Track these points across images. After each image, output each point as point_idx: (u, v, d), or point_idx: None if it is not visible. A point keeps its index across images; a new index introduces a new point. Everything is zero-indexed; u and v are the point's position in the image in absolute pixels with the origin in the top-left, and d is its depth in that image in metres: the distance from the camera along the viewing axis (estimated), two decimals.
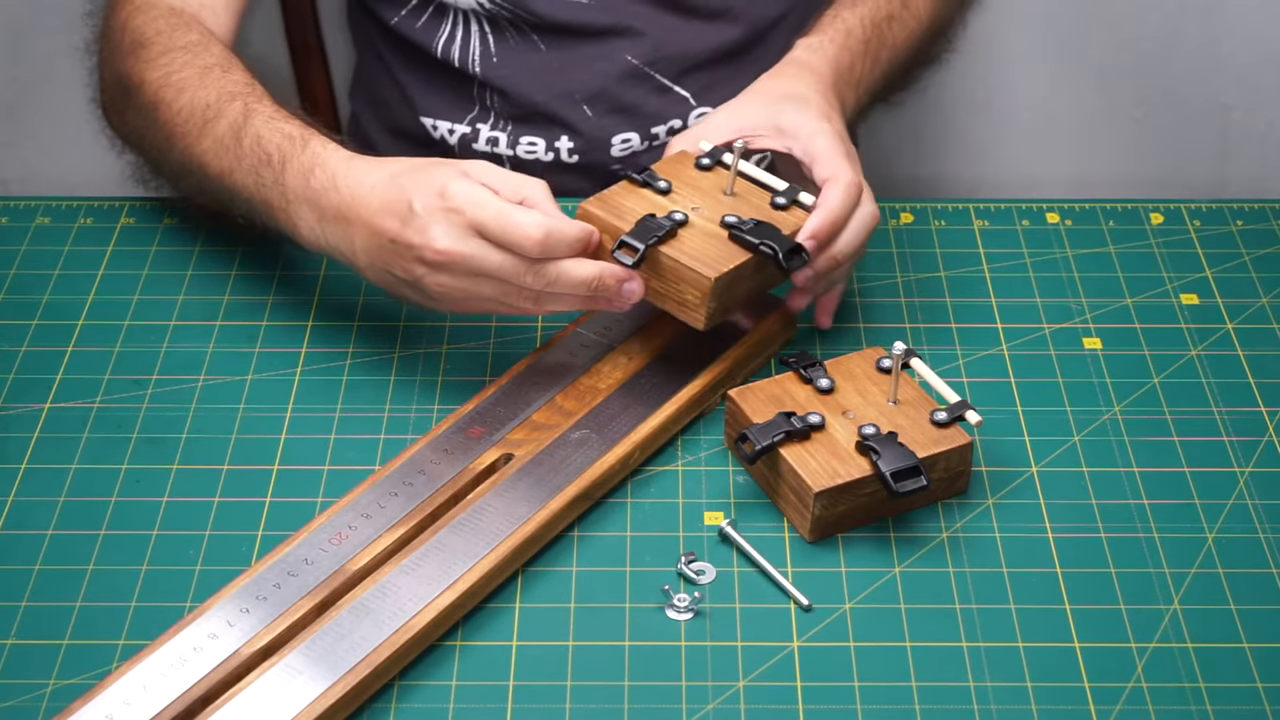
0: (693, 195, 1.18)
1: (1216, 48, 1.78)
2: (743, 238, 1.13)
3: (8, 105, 1.78)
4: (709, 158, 1.21)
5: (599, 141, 1.47)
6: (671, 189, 1.18)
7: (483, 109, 1.48)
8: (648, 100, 1.46)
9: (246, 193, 1.20)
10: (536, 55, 1.45)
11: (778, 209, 1.18)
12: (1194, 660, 1.00)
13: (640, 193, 1.17)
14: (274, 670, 0.96)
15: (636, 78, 1.45)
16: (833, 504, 1.06)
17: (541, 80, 1.46)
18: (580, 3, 1.42)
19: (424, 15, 1.46)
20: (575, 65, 1.45)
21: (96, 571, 1.05)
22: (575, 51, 1.45)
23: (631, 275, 1.12)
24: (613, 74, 1.45)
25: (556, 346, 1.18)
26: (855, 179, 1.18)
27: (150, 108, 1.26)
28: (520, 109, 1.47)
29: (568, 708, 0.97)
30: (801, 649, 1.01)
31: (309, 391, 1.19)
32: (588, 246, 1.11)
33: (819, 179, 1.19)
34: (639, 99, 1.46)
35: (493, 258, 1.08)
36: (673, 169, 1.20)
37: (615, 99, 1.46)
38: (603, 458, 1.09)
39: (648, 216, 1.14)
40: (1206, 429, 1.16)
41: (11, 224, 1.35)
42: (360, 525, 1.05)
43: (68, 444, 1.14)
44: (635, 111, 1.46)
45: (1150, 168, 1.85)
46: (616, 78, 1.45)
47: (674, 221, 1.13)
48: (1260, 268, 1.31)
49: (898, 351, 1.10)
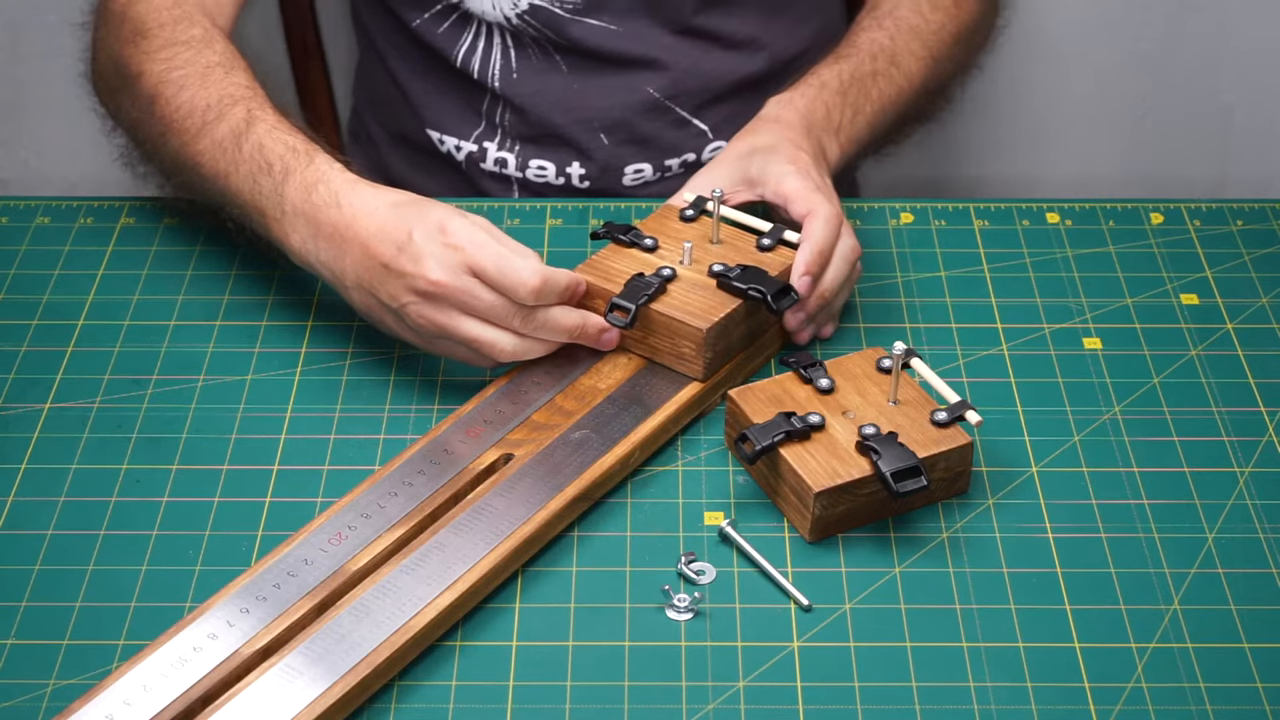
0: (679, 248, 1.20)
1: (1217, 48, 1.78)
2: (731, 285, 1.15)
3: (8, 105, 1.78)
4: (692, 208, 1.23)
5: (612, 170, 1.46)
6: (658, 245, 1.20)
7: (490, 125, 1.47)
8: (665, 132, 1.46)
9: (241, 197, 1.20)
10: (558, 76, 1.44)
11: (764, 250, 1.20)
12: (1194, 660, 1.00)
13: (628, 253, 1.20)
14: (274, 670, 0.96)
15: (656, 110, 1.45)
16: (833, 504, 1.06)
17: (561, 102, 1.45)
18: (610, 29, 1.41)
19: (446, 22, 1.44)
20: (596, 91, 1.44)
21: (96, 571, 1.05)
22: (598, 78, 1.44)
23: (610, 327, 1.15)
24: (633, 105, 1.44)
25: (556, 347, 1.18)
26: (833, 210, 1.19)
27: (148, 100, 1.26)
28: (534, 129, 1.46)
29: (568, 708, 0.97)
30: (801, 649, 1.01)
31: (309, 391, 1.19)
32: (574, 296, 1.14)
33: (797, 216, 1.20)
34: (657, 130, 1.46)
35: (485, 297, 1.10)
36: (658, 224, 1.23)
37: (633, 129, 1.45)
38: (603, 458, 1.09)
39: (636, 276, 1.16)
40: (1206, 429, 1.16)
41: (11, 224, 1.35)
42: (360, 525, 1.05)
43: (68, 444, 1.14)
44: (651, 143, 1.46)
45: (1150, 168, 1.85)
46: (637, 109, 1.45)
47: (662, 278, 1.16)
48: (1260, 268, 1.31)
49: (898, 351, 1.10)
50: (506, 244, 1.11)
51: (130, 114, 1.29)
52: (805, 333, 1.21)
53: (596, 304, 1.17)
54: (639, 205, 1.39)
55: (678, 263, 1.19)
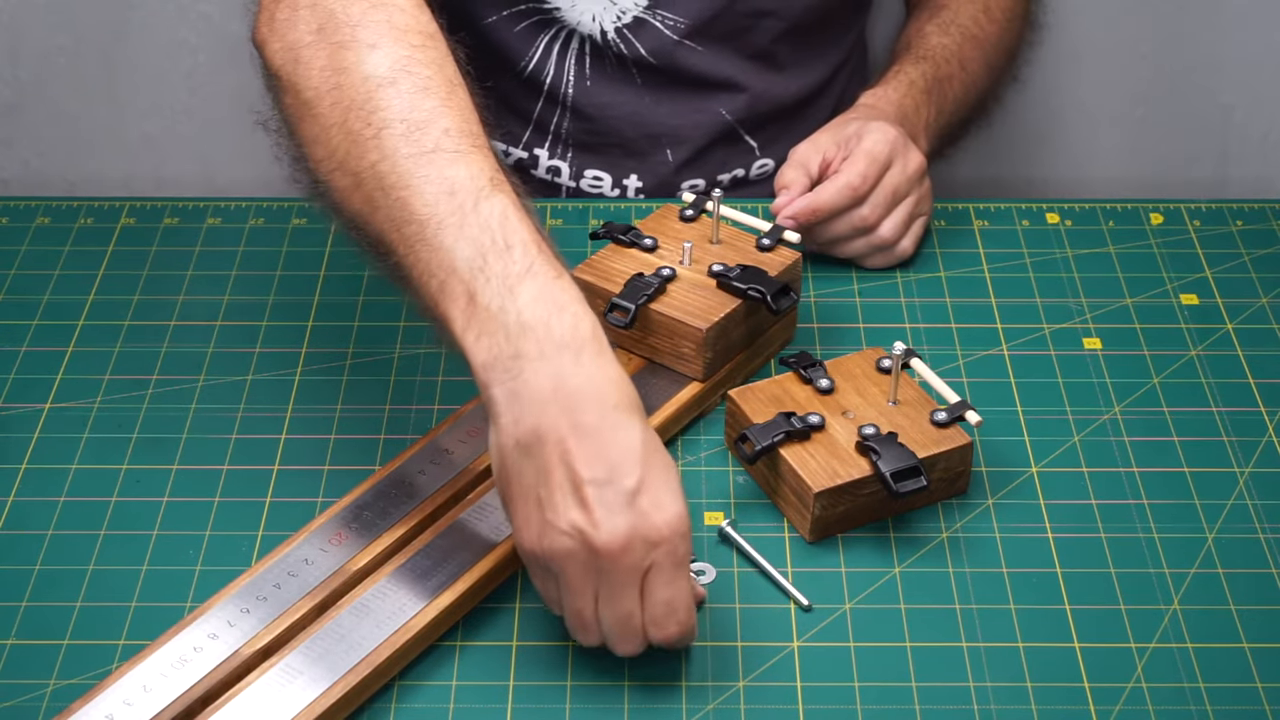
0: (679, 248, 1.20)
1: (1217, 48, 1.78)
2: (731, 285, 1.15)
3: (8, 105, 1.78)
4: (692, 208, 1.23)
5: (669, 184, 1.45)
6: (658, 245, 1.20)
7: (539, 131, 1.44)
8: (722, 150, 1.46)
9: (445, 261, 0.95)
10: (631, 89, 1.42)
11: (764, 250, 1.20)
12: (1194, 660, 1.00)
13: (627, 253, 1.20)
14: (274, 671, 0.96)
15: (724, 131, 1.45)
16: (833, 504, 1.06)
17: (633, 116, 1.43)
18: (698, 50, 1.40)
19: (523, 23, 1.40)
20: (669, 109, 1.43)
21: (96, 571, 1.05)
22: (673, 95, 1.43)
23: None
24: (704, 125, 1.44)
25: None
26: (855, 181, 1.22)
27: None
28: (598, 139, 1.44)
29: (568, 708, 0.97)
30: (801, 649, 1.01)
31: (309, 391, 1.19)
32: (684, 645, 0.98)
33: (850, 150, 1.26)
34: (717, 149, 1.46)
35: (628, 602, 0.93)
36: (657, 224, 1.23)
37: (698, 147, 1.44)
38: None
39: (636, 276, 1.16)
40: (1206, 429, 1.16)
41: (11, 224, 1.35)
42: (360, 525, 1.05)
43: (68, 444, 1.14)
44: (709, 159, 1.46)
45: (1150, 168, 1.85)
46: (708, 129, 1.44)
47: (662, 278, 1.16)
48: (1260, 268, 1.31)
49: (898, 351, 1.10)
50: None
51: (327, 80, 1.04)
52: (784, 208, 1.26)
53: (596, 304, 1.16)
54: (639, 205, 1.39)
55: (677, 263, 1.19)
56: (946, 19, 1.44)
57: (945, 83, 1.39)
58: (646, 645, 0.95)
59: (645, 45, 1.39)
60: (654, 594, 0.93)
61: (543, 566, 0.94)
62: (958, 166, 1.81)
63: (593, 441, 0.91)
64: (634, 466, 0.91)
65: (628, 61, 1.41)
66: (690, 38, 1.40)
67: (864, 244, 1.28)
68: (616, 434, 0.91)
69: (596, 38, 1.39)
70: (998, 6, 1.46)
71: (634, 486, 0.91)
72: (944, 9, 1.45)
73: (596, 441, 0.91)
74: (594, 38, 1.39)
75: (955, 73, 1.40)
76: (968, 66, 1.42)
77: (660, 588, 0.93)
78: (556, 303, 0.93)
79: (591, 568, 0.92)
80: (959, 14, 1.44)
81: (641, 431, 0.92)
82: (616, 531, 0.90)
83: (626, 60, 1.41)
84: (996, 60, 1.46)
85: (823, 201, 1.25)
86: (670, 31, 1.39)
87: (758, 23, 1.41)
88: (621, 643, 0.95)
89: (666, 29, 1.39)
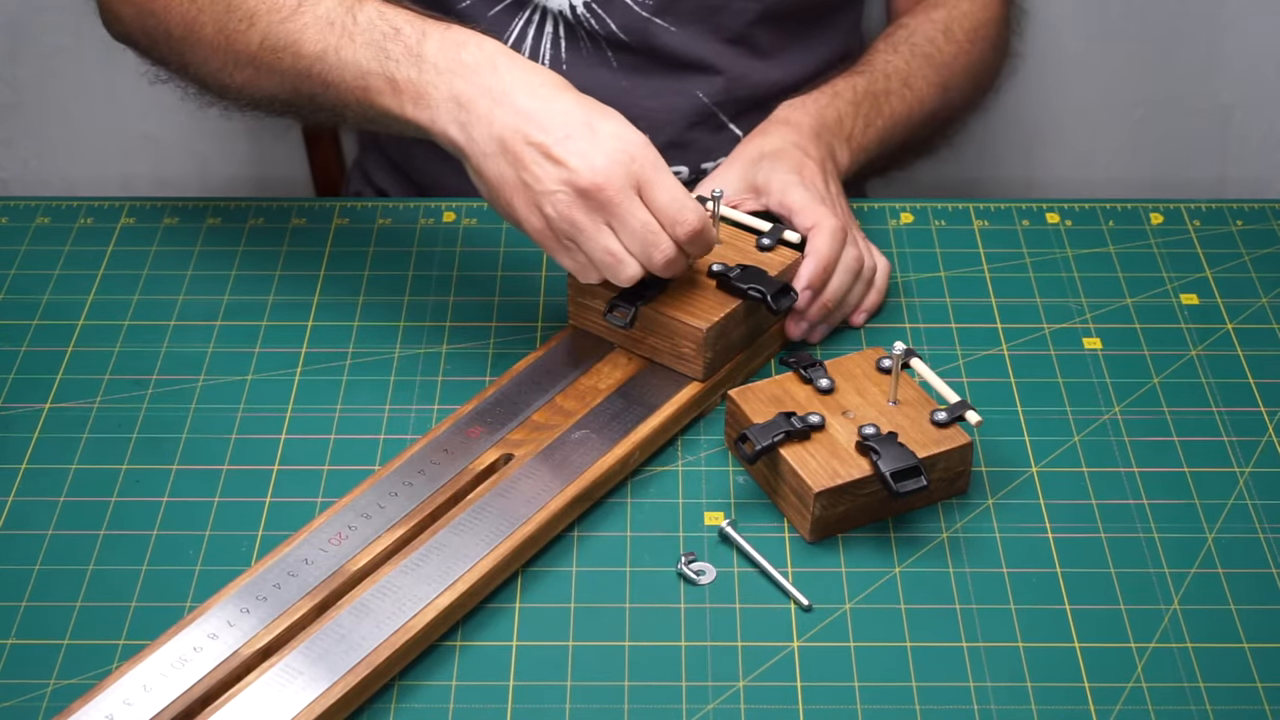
0: None
1: (1217, 48, 1.78)
2: (731, 284, 1.15)
3: (8, 105, 1.78)
4: None
5: None
6: None
7: None
8: (705, 137, 1.46)
9: (356, 69, 1.10)
10: (607, 72, 1.43)
11: (764, 250, 1.20)
12: (1194, 660, 1.00)
13: None
14: (274, 671, 0.96)
15: (703, 115, 1.44)
16: (833, 504, 1.06)
17: (609, 98, 1.42)
18: (671, 31, 1.41)
19: (497, 6, 1.42)
20: (646, 91, 1.43)
21: (96, 571, 1.05)
22: (650, 78, 1.43)
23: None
24: (682, 108, 1.44)
25: (556, 347, 1.18)
26: (837, 223, 1.20)
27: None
28: None
29: (568, 708, 0.97)
30: (801, 649, 1.01)
31: (309, 391, 1.19)
32: (707, 250, 1.12)
33: (802, 229, 1.20)
34: (698, 135, 1.45)
35: (640, 216, 1.06)
36: None
37: (678, 132, 1.44)
38: (603, 458, 1.09)
39: None
40: (1206, 429, 1.16)
41: (11, 224, 1.35)
42: (360, 525, 1.05)
43: (68, 444, 1.14)
44: (692, 146, 1.45)
45: (1150, 168, 1.85)
46: (686, 112, 1.44)
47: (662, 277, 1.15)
48: (1260, 268, 1.31)
49: (898, 351, 1.10)
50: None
51: (189, 13, 1.20)
52: (805, 334, 1.22)
53: (596, 304, 1.17)
54: None
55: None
56: (900, 37, 1.42)
57: (880, 97, 1.36)
58: (680, 254, 1.08)
59: (616, 21, 1.40)
60: (657, 199, 1.06)
61: (558, 239, 1.07)
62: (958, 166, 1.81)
63: (540, 116, 1.06)
64: (583, 115, 1.06)
65: (601, 41, 1.42)
66: (660, 15, 1.40)
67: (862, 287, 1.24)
68: (555, 103, 1.07)
69: (567, 13, 1.40)
70: (961, 29, 1.44)
71: (590, 129, 1.06)
72: (901, 27, 1.44)
73: (543, 115, 1.06)
74: (564, 14, 1.40)
75: (895, 88, 1.37)
76: (913, 85, 1.39)
77: (658, 192, 1.06)
78: (457, 42, 1.09)
79: (593, 206, 1.06)
80: (915, 33, 1.43)
81: (575, 94, 1.08)
82: (595, 165, 1.05)
83: (600, 39, 1.41)
84: (954, 82, 1.43)
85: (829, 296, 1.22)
86: (639, 8, 1.40)
87: (730, 3, 1.41)
88: (656, 253, 1.07)
89: (635, 4, 1.40)
